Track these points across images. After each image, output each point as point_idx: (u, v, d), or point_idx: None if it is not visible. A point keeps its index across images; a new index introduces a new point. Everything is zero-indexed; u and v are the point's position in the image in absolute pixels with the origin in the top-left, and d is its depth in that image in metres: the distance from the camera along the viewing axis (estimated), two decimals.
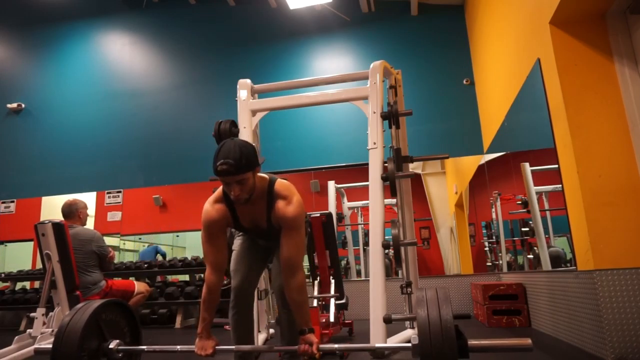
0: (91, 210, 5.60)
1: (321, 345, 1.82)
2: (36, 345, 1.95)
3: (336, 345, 1.88)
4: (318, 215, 3.40)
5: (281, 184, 1.91)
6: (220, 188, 1.94)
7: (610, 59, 2.62)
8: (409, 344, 1.58)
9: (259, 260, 2.10)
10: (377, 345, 2.01)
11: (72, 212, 3.64)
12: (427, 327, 1.45)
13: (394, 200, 3.59)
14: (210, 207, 1.93)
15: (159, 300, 5.00)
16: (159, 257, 6.38)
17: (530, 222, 3.86)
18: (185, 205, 6.44)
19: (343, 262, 5.75)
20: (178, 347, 1.91)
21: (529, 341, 1.56)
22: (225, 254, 1.95)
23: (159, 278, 5.75)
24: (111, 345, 1.85)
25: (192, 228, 6.49)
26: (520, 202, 4.08)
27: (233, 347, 1.87)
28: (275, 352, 1.95)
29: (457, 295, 4.86)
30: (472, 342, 1.52)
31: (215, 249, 1.91)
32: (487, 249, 5.48)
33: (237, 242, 2.15)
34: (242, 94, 3.37)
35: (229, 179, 1.72)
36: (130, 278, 5.18)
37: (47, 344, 1.84)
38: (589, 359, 2.42)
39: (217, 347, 1.84)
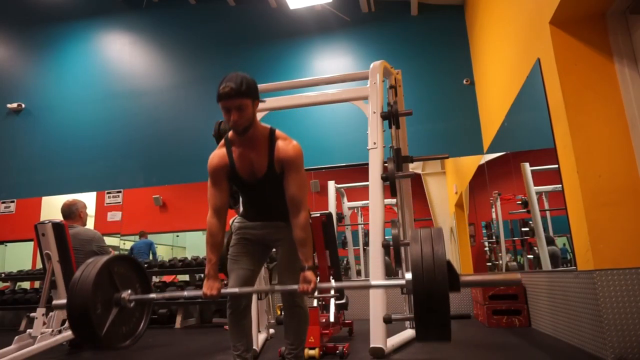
0: (91, 210, 5.61)
1: (319, 285, 1.88)
2: (54, 302, 2.02)
3: (334, 284, 2.02)
4: (318, 215, 3.40)
5: (281, 131, 2.00)
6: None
7: (610, 59, 2.62)
8: (403, 281, 1.62)
9: (256, 260, 2.08)
10: (374, 282, 2.03)
11: (73, 212, 3.64)
12: (420, 262, 1.49)
13: (394, 200, 3.60)
14: (213, 154, 2.00)
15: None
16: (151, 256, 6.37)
17: (530, 222, 3.86)
18: (185, 205, 6.44)
19: (343, 262, 5.75)
20: (185, 292, 2.04)
21: (518, 276, 1.62)
22: (227, 198, 2.00)
23: (155, 279, 5.74)
24: (123, 295, 1.92)
25: (192, 228, 6.50)
26: (520, 202, 4.08)
27: (236, 289, 1.93)
28: (276, 291, 1.97)
29: (457, 295, 4.86)
30: (464, 277, 1.57)
31: (217, 193, 1.97)
32: (487, 249, 5.48)
33: (232, 247, 2.15)
34: None
35: (229, 102, 1.79)
36: None
37: (61, 300, 1.90)
38: (589, 359, 2.42)
39: (221, 290, 1.91)
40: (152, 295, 2.03)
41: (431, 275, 1.45)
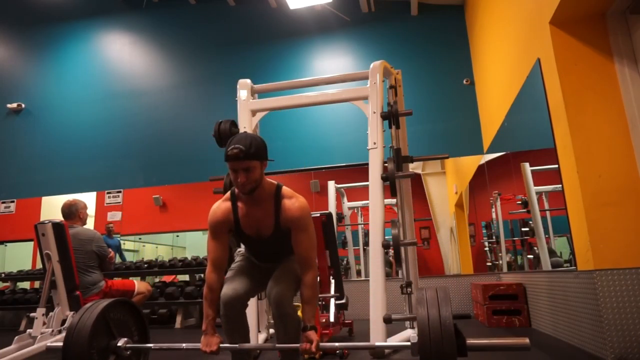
0: (91, 210, 5.61)
1: (321, 344, 1.83)
2: (49, 343, 1.99)
3: (337, 344, 1.90)
4: (318, 215, 3.40)
5: (287, 188, 2.00)
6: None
7: (610, 59, 2.62)
8: (409, 343, 1.59)
9: (255, 281, 2.05)
10: (377, 343, 2.02)
11: (72, 212, 3.64)
12: (427, 326, 1.47)
13: (394, 200, 3.60)
14: (216, 206, 1.98)
15: (159, 300, 5.00)
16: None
17: (530, 222, 3.86)
18: (185, 205, 6.44)
19: (343, 262, 5.75)
20: (183, 345, 1.96)
21: (526, 340, 1.56)
22: (227, 252, 1.98)
23: (155, 279, 5.74)
24: (119, 343, 1.89)
25: (192, 228, 6.50)
26: (520, 202, 4.08)
27: (236, 345, 1.88)
28: (277, 350, 1.94)
29: (457, 295, 4.86)
30: (471, 341, 1.53)
31: (217, 247, 1.94)
32: (487, 249, 5.48)
33: (237, 260, 2.14)
34: (242, 94, 3.37)
35: (237, 164, 1.79)
36: (132, 278, 5.19)
37: (58, 342, 1.88)
38: (589, 359, 2.42)
39: (220, 344, 1.87)
40: (149, 345, 2.01)
41: (438, 341, 1.44)
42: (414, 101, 4.73)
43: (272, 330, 3.49)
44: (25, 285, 6.13)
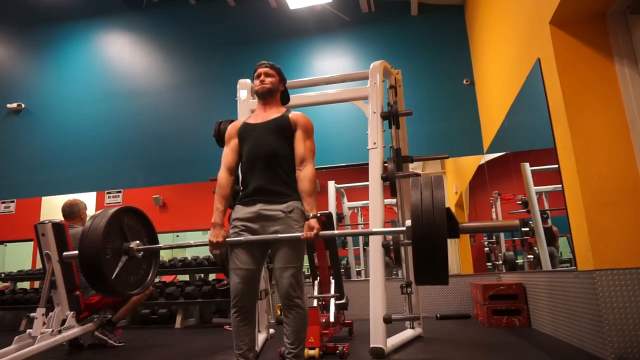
0: (91, 211, 5.61)
1: (322, 232, 2.00)
2: (65, 253, 2.07)
3: (336, 232, 2.04)
4: (318, 215, 3.39)
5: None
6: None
7: (610, 59, 2.62)
8: (404, 228, 1.65)
9: (255, 258, 2.06)
10: (375, 229, 2.06)
11: (74, 212, 3.65)
12: (420, 208, 1.50)
13: (394, 200, 3.60)
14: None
15: (159, 300, 5.00)
16: None
17: (530, 222, 3.86)
18: (185, 205, 6.44)
19: (343, 262, 5.75)
20: (192, 241, 2.13)
21: (516, 222, 1.65)
22: (237, 159, 2.17)
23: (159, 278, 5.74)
24: (132, 245, 2.01)
25: (192, 228, 6.49)
26: (520, 202, 4.08)
27: (242, 238, 1.98)
28: (280, 239, 1.99)
29: (457, 295, 4.86)
30: (463, 224, 1.58)
31: (230, 151, 2.17)
32: (487, 249, 5.48)
33: (232, 237, 2.15)
34: (242, 94, 3.38)
35: (262, 68, 2.20)
36: None
37: (72, 252, 2.00)
38: (589, 359, 2.43)
39: (226, 239, 2.00)
40: (159, 245, 2.14)
41: (430, 219, 1.47)
42: (414, 101, 4.73)
43: (272, 330, 3.50)
44: (25, 285, 6.13)
